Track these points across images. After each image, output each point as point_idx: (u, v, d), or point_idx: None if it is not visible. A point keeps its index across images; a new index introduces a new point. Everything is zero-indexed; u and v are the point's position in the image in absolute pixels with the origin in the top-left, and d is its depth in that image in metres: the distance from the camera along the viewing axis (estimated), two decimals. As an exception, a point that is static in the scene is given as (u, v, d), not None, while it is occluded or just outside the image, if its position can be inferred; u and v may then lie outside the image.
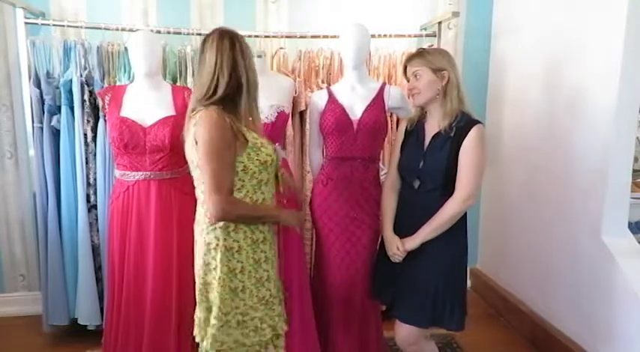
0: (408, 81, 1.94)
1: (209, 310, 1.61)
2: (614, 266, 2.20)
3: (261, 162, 1.57)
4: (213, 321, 1.58)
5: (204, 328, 1.62)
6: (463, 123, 1.82)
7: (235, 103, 1.57)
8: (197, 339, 1.64)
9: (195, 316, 1.67)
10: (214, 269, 1.59)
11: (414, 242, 1.86)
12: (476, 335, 2.69)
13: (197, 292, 1.65)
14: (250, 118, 1.62)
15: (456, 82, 1.85)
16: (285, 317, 1.76)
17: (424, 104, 1.92)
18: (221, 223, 1.56)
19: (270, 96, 2.18)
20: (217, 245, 1.58)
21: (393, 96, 2.24)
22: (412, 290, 1.89)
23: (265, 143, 1.62)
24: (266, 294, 1.64)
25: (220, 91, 1.54)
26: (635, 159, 2.83)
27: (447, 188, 1.83)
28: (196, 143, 1.53)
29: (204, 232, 1.60)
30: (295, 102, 2.61)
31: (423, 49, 1.96)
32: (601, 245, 2.27)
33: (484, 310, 3.19)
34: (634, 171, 2.36)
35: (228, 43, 1.56)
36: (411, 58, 1.91)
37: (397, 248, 1.89)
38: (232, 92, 1.56)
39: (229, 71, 1.55)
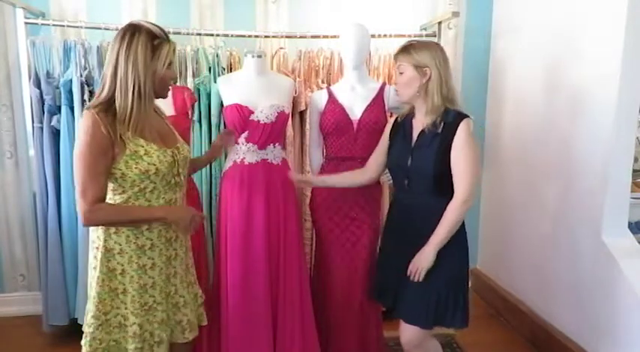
0: None
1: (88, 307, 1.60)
2: (615, 266, 2.20)
3: (142, 171, 1.48)
4: (90, 320, 1.56)
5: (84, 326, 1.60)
6: (451, 119, 1.78)
7: (119, 106, 1.46)
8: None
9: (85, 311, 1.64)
10: (94, 268, 1.57)
11: (428, 257, 1.78)
12: (476, 335, 2.69)
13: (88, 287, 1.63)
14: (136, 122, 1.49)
15: (438, 79, 1.78)
16: (184, 324, 1.70)
17: (407, 101, 1.89)
18: None
19: (270, 96, 2.18)
20: (98, 245, 1.55)
21: (393, 96, 2.23)
22: (416, 292, 1.85)
23: (152, 150, 1.51)
24: (149, 300, 1.59)
25: (104, 92, 1.47)
26: (635, 159, 2.83)
27: (437, 186, 1.80)
28: None
29: (91, 230, 1.59)
30: (295, 102, 2.61)
31: (410, 43, 1.86)
32: (601, 245, 2.27)
33: (484, 310, 3.19)
34: (634, 171, 2.35)
35: (118, 40, 1.46)
36: (397, 53, 1.87)
37: (415, 270, 1.81)
38: (117, 94, 1.45)
39: (112, 70, 1.46)
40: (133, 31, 1.47)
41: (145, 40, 1.46)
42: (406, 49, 1.83)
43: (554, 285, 2.63)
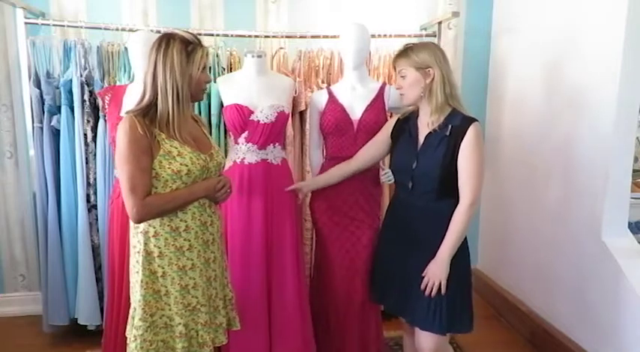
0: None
1: (135, 311, 1.62)
2: (614, 266, 2.20)
3: (174, 171, 1.53)
4: (138, 323, 1.58)
5: (132, 329, 1.62)
6: (459, 122, 1.77)
7: (155, 111, 1.54)
8: (128, 337, 1.63)
9: (129, 315, 1.66)
10: (137, 272, 1.60)
11: (443, 268, 1.76)
12: (476, 335, 2.66)
13: (130, 291, 1.67)
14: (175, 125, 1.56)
15: (441, 78, 1.78)
16: (224, 326, 1.74)
17: (412, 103, 1.88)
18: (141, 228, 1.57)
19: (270, 97, 2.19)
20: (139, 250, 1.59)
21: (393, 96, 2.24)
22: (430, 297, 1.80)
23: (185, 152, 1.56)
24: (192, 301, 1.62)
25: (145, 100, 1.55)
26: (635, 159, 2.84)
27: (442, 189, 1.79)
28: None
29: (131, 234, 1.63)
30: (295, 102, 2.61)
31: (409, 46, 1.87)
32: (601, 245, 2.27)
33: (484, 310, 3.19)
34: (634, 171, 2.36)
35: (155, 49, 1.54)
36: (396, 58, 1.87)
37: (432, 284, 1.78)
38: (155, 99, 1.54)
39: (151, 78, 1.54)
40: (167, 39, 1.54)
41: (180, 46, 1.54)
42: (405, 53, 1.84)
43: (555, 285, 2.63)
